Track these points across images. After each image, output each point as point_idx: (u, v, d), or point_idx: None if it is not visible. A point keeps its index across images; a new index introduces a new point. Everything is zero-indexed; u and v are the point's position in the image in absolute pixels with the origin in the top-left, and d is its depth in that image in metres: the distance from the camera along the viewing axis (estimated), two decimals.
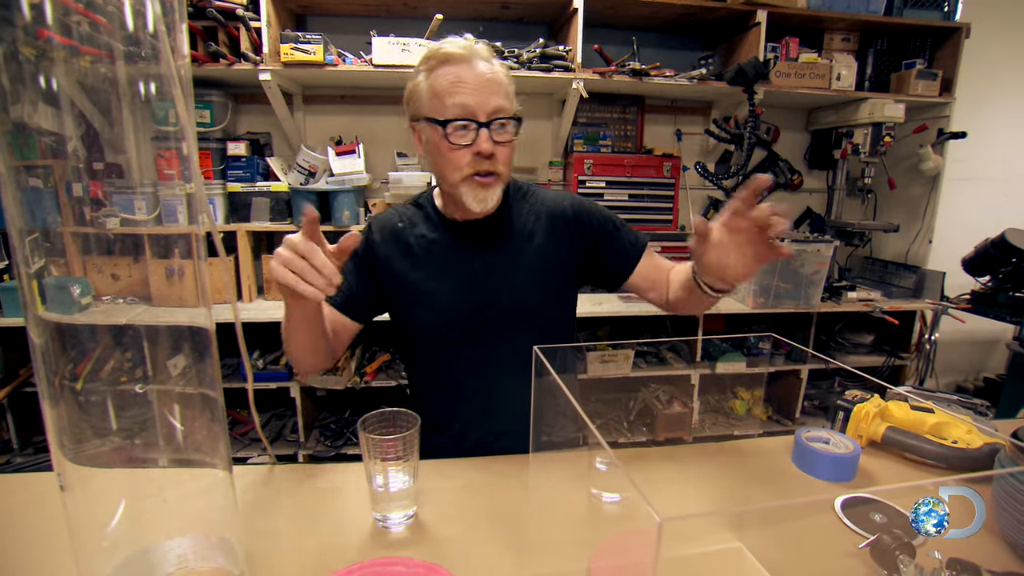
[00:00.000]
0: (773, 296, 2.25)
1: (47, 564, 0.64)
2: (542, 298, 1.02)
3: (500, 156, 0.91)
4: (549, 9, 2.23)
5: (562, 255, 1.03)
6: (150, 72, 0.54)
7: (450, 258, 1.00)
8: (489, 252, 1.01)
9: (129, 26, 0.51)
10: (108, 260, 0.69)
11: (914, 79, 2.36)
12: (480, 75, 0.88)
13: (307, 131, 2.40)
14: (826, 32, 2.42)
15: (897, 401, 1.01)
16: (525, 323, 1.00)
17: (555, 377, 0.50)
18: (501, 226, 1.02)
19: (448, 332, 1.00)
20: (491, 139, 0.89)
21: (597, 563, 0.64)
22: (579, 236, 1.04)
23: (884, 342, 2.63)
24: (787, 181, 2.71)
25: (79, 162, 0.61)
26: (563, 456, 0.92)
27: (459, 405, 1.04)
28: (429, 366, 1.06)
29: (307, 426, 2.22)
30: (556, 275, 1.03)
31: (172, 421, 0.55)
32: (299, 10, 2.25)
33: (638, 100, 2.55)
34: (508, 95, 0.91)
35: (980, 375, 3.28)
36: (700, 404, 2.51)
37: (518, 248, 1.01)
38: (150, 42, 0.51)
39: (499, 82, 0.90)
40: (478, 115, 0.88)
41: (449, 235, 1.01)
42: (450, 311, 0.99)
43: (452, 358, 1.02)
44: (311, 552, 0.69)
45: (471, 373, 1.02)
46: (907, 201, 2.67)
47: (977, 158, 2.90)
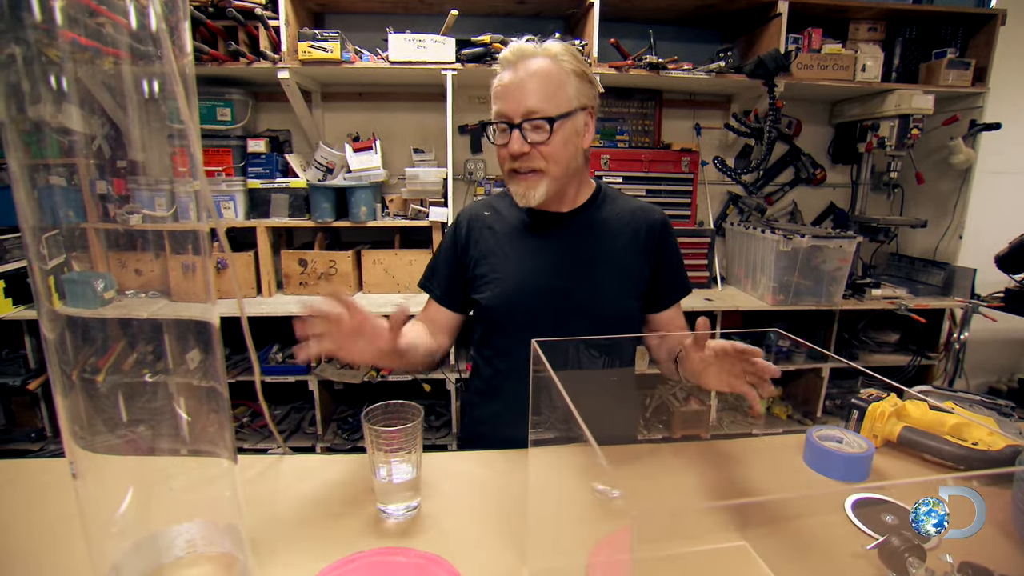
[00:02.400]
0: (793, 293, 2.20)
1: (65, 544, 0.67)
2: (614, 296, 1.04)
3: (538, 153, 0.95)
4: (565, 3, 2.21)
5: (641, 262, 1.06)
6: (165, 71, 0.56)
7: (530, 244, 1.05)
8: (569, 245, 1.04)
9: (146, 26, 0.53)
10: (131, 256, 0.71)
11: (944, 69, 2.28)
12: (520, 78, 0.93)
13: (325, 128, 2.43)
14: (851, 22, 2.34)
15: (915, 401, 0.98)
16: (592, 317, 1.02)
17: (550, 372, 0.50)
18: (585, 222, 1.05)
19: (515, 315, 1.03)
20: (523, 139, 0.94)
21: (595, 559, 0.64)
22: (656, 252, 1.07)
23: (910, 341, 2.56)
24: (810, 176, 2.65)
25: (102, 160, 0.63)
26: (564, 451, 0.92)
27: (514, 393, 1.05)
28: (492, 352, 1.09)
29: (325, 419, 2.26)
30: (631, 278, 1.06)
31: (180, 412, 0.57)
32: (317, 8, 2.27)
33: (655, 94, 2.52)
34: (551, 93, 0.94)
35: (1015, 376, 3.17)
36: (718, 402, 2.48)
37: (600, 246, 1.04)
38: (156, 40, 0.53)
39: (543, 79, 0.93)
40: (512, 117, 0.94)
41: (532, 223, 1.06)
42: (520, 293, 1.02)
43: (512, 342, 1.05)
44: (315, 540, 0.70)
45: (529, 360, 1.03)
46: (936, 196, 2.59)
47: (1013, 150, 2.79)
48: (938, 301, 2.36)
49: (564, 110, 0.94)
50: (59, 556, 0.66)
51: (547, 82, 0.93)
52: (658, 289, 1.09)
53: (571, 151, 0.97)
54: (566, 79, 0.94)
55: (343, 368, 2.20)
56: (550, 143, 0.94)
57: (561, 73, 0.94)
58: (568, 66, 0.95)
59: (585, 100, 0.98)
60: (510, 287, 1.03)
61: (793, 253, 2.13)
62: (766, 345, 2.42)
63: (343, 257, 2.21)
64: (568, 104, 0.95)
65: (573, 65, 0.95)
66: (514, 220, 1.06)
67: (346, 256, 2.21)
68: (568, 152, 0.97)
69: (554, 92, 0.93)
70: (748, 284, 2.39)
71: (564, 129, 0.95)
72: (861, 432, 0.96)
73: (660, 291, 1.09)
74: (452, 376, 2.20)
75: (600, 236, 1.05)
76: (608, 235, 1.05)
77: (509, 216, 1.07)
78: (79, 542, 0.53)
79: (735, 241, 2.49)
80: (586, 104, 0.98)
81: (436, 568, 0.64)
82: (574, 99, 0.95)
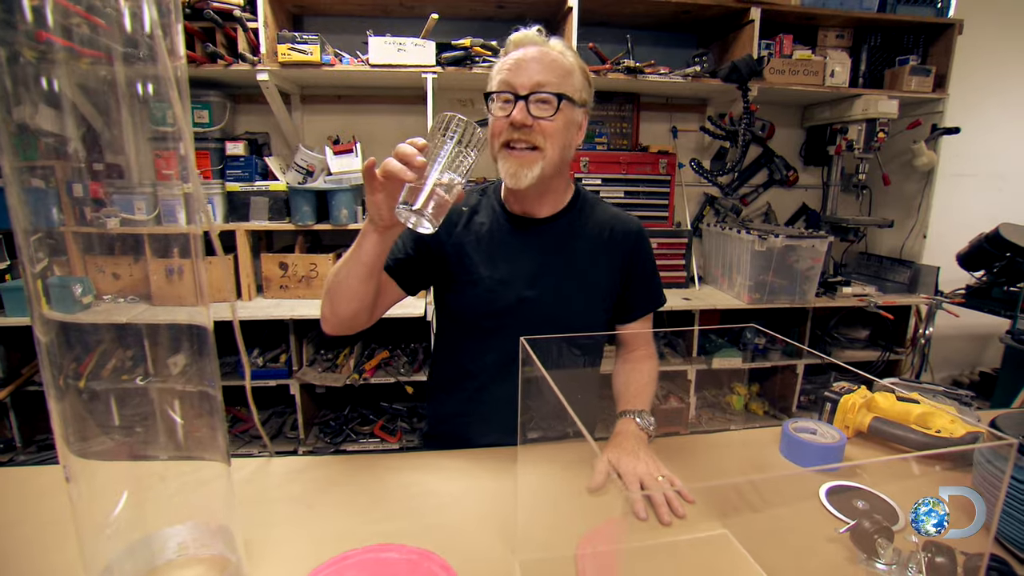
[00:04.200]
0: (768, 291, 2.26)
1: (52, 552, 0.66)
2: (583, 310, 1.05)
3: (540, 129, 0.92)
4: (544, 8, 2.25)
5: (612, 274, 1.06)
6: (147, 73, 0.56)
7: (503, 249, 1.03)
8: (543, 251, 1.03)
9: (127, 28, 0.53)
10: (109, 260, 0.71)
11: (907, 75, 2.38)
12: (533, 55, 0.92)
13: (305, 131, 2.42)
14: (820, 29, 2.43)
15: (883, 392, 1.03)
16: (560, 328, 1.02)
17: (540, 369, 0.52)
18: (561, 228, 1.05)
19: (485, 320, 1.03)
20: (527, 111, 0.91)
21: (583, 550, 0.66)
22: (629, 264, 1.07)
23: (879, 337, 2.65)
24: (783, 177, 2.73)
25: (79, 162, 0.63)
26: (551, 448, 0.94)
27: (478, 393, 1.07)
28: (457, 351, 1.09)
29: (307, 423, 2.24)
30: (602, 292, 1.06)
31: (172, 415, 0.57)
32: (296, 10, 2.26)
33: (633, 97, 2.57)
34: (561, 74, 0.93)
35: (976, 369, 3.30)
36: (697, 399, 2.54)
37: (574, 256, 1.04)
38: (147, 43, 0.53)
39: (552, 62, 0.93)
40: (518, 89, 0.91)
41: (508, 227, 1.04)
42: (492, 301, 1.02)
43: (481, 346, 1.05)
44: (306, 540, 0.71)
45: (495, 364, 1.05)
46: (901, 197, 2.69)
47: (971, 154, 2.92)
48: (905, 298, 2.46)
49: (570, 93, 0.94)
50: (50, 560, 0.66)
51: (558, 64, 0.93)
52: (628, 301, 1.10)
53: (568, 139, 0.97)
54: (574, 70, 0.95)
55: (325, 372, 2.19)
56: (554, 120, 0.92)
57: (569, 64, 0.95)
58: (572, 59, 0.96)
59: (586, 96, 0.99)
60: (481, 292, 1.02)
61: (768, 253, 2.19)
62: (743, 343, 2.49)
63: (324, 260, 2.20)
64: (574, 91, 0.95)
65: (577, 61, 0.97)
66: (491, 223, 1.05)
67: (327, 259, 2.20)
68: (566, 138, 0.96)
69: (564, 75, 0.93)
70: (725, 283, 2.45)
71: (567, 112, 0.94)
72: (834, 423, 1.00)
73: (629, 303, 1.10)
74: None
75: (575, 246, 1.04)
76: (583, 245, 1.05)
77: (487, 218, 1.05)
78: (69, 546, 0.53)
79: (711, 241, 2.55)
80: (586, 101, 0.99)
81: (428, 563, 0.66)
82: (577, 91, 0.96)
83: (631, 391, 1.01)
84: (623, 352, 1.12)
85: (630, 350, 1.11)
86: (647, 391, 1.01)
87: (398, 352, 2.33)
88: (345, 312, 0.91)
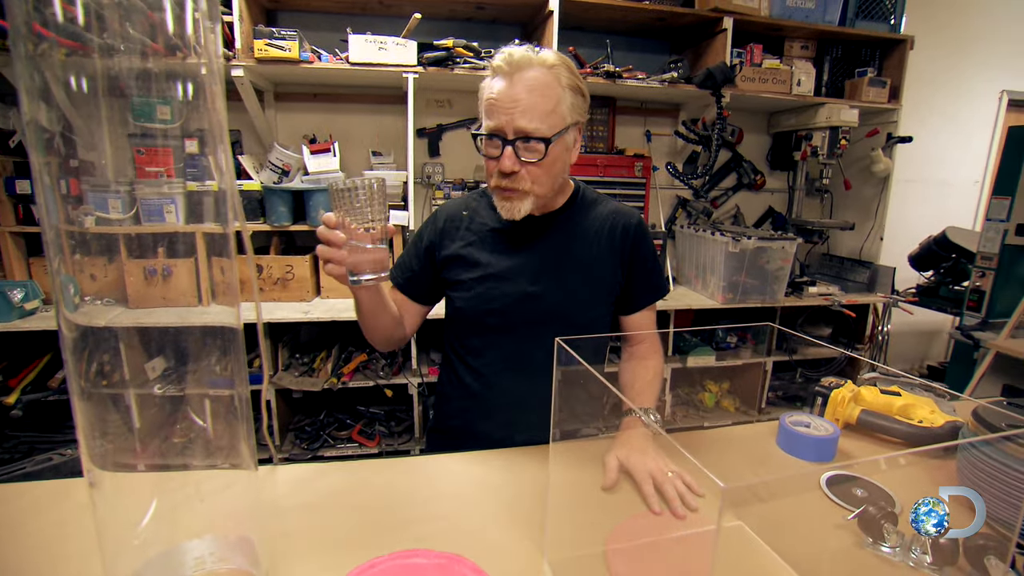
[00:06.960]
0: (741, 292, 2.34)
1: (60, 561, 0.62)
2: (586, 304, 1.05)
3: (526, 174, 0.94)
4: (524, 10, 2.26)
5: (615, 268, 1.07)
6: (131, 67, 0.54)
7: (506, 247, 1.04)
8: (545, 250, 1.04)
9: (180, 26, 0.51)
10: (88, 260, 0.67)
11: (866, 86, 2.51)
12: (516, 93, 0.89)
13: (279, 129, 2.35)
14: (786, 40, 2.54)
15: (868, 386, 1.09)
16: (564, 323, 1.02)
17: (585, 365, 0.52)
18: (563, 226, 1.06)
19: (489, 317, 1.04)
20: (516, 156, 0.92)
21: (613, 545, 0.67)
22: (631, 256, 1.08)
23: (841, 334, 2.79)
24: (751, 181, 2.83)
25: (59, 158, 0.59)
26: (582, 445, 0.95)
27: (484, 389, 1.07)
28: (464, 347, 1.09)
29: (282, 429, 2.18)
30: (605, 285, 1.07)
31: (197, 421, 0.55)
32: (271, 5, 2.20)
33: (610, 102, 2.62)
34: (547, 111, 0.90)
35: (924, 363, 3.51)
36: (671, 397, 2.60)
37: (576, 251, 1.05)
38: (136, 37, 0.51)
39: (538, 98, 0.90)
40: (506, 133, 0.92)
41: (509, 226, 1.04)
42: (495, 298, 1.02)
43: (486, 343, 1.06)
44: (327, 550, 0.69)
45: (501, 360, 1.06)
46: (861, 201, 2.84)
47: (921, 161, 3.11)
48: (864, 297, 2.59)
49: (558, 128, 0.92)
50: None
51: (544, 99, 0.90)
52: (631, 293, 1.11)
53: (559, 168, 0.98)
54: (562, 95, 0.92)
55: (302, 376, 2.13)
56: (542, 164, 0.93)
57: (557, 88, 0.91)
58: (564, 80, 0.92)
59: (577, 115, 0.97)
60: (485, 291, 1.03)
61: (741, 254, 2.27)
62: (715, 342, 2.57)
63: (300, 262, 2.14)
64: (562, 122, 0.93)
65: (568, 79, 0.93)
66: (492, 222, 1.06)
67: (303, 261, 2.14)
68: (557, 170, 0.97)
69: (550, 110, 0.90)
70: (699, 284, 2.52)
71: (556, 148, 0.94)
72: (825, 416, 1.04)
73: (632, 295, 1.11)
74: (415, 380, 2.19)
75: (576, 241, 1.05)
76: (584, 240, 1.06)
77: (487, 218, 1.06)
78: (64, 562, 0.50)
79: (685, 243, 2.62)
80: (578, 119, 0.97)
81: (458, 566, 0.65)
82: (568, 116, 0.93)
83: (637, 387, 1.03)
84: (628, 346, 1.14)
85: (635, 343, 1.13)
86: (652, 387, 1.03)
87: (376, 355, 2.28)
88: (379, 340, 1.04)
